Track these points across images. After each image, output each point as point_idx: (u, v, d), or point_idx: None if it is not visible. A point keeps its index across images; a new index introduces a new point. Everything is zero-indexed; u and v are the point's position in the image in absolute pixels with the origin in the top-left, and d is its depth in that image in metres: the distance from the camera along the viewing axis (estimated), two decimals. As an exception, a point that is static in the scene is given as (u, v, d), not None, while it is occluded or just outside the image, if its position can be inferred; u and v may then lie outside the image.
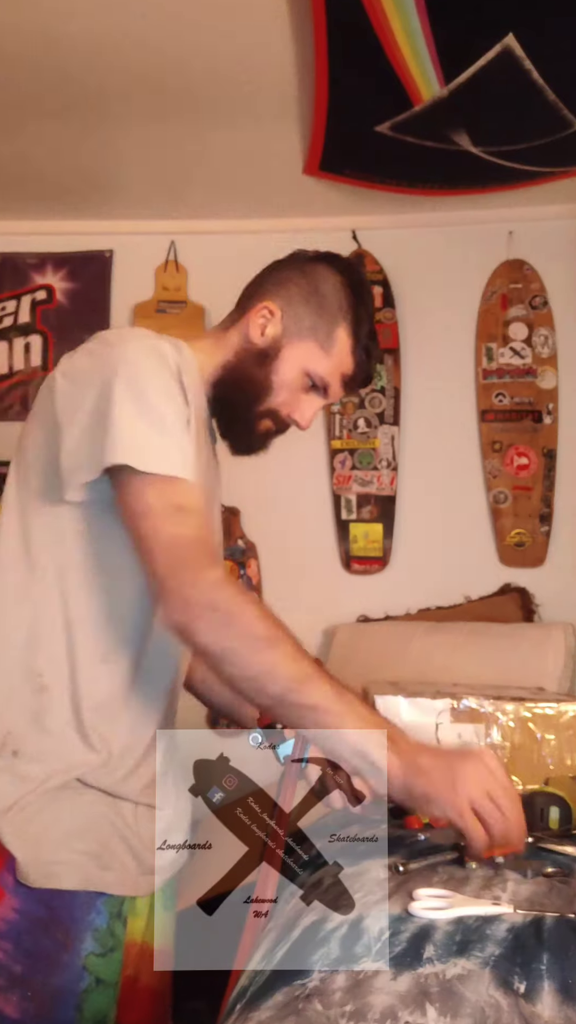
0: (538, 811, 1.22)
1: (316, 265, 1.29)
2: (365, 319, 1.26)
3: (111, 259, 3.16)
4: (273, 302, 1.26)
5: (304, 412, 1.28)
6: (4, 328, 3.16)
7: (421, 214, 2.98)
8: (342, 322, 1.24)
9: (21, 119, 2.48)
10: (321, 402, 1.28)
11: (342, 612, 2.95)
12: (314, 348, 1.24)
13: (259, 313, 1.25)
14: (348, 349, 1.25)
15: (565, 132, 2.27)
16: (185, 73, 2.26)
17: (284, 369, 1.24)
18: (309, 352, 1.24)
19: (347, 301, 1.25)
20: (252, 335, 1.25)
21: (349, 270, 1.29)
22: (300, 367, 1.24)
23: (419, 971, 0.78)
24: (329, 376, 1.25)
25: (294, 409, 1.27)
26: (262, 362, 1.25)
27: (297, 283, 1.27)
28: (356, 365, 1.26)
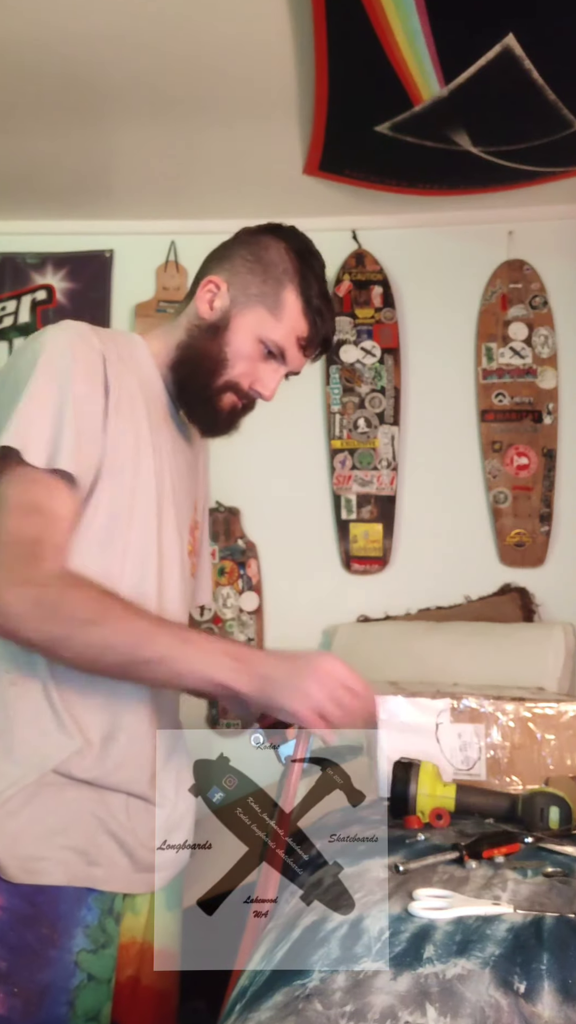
0: (538, 811, 1.22)
1: (259, 236, 1.30)
2: (313, 280, 1.25)
3: (111, 259, 3.16)
4: (218, 275, 1.26)
5: (265, 382, 1.26)
6: (4, 328, 3.16)
7: (421, 214, 2.98)
8: (288, 284, 1.24)
9: (21, 119, 2.48)
10: (282, 370, 1.27)
11: (342, 612, 2.95)
12: (264, 314, 1.24)
13: (205, 288, 1.26)
14: (299, 311, 1.24)
15: (565, 132, 2.27)
16: (185, 73, 2.26)
17: (237, 339, 1.24)
18: (259, 319, 1.24)
19: (292, 265, 1.25)
20: (201, 311, 1.26)
21: (292, 236, 1.30)
22: (252, 334, 1.24)
23: (419, 971, 0.78)
24: (283, 340, 1.24)
25: (255, 380, 1.26)
26: (214, 335, 1.24)
27: (241, 255, 1.27)
28: (310, 326, 1.25)
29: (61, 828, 1.13)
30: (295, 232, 1.31)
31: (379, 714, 1.13)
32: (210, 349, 1.25)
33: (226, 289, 1.25)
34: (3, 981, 1.09)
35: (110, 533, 1.17)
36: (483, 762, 1.37)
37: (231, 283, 1.25)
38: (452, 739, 1.37)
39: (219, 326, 1.24)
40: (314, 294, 1.25)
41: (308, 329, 1.25)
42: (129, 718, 1.19)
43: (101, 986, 1.16)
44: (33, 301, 3.16)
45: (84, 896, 1.14)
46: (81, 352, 1.15)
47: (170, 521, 1.25)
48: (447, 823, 1.23)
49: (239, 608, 3.01)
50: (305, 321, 1.25)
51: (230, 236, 1.33)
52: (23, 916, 1.10)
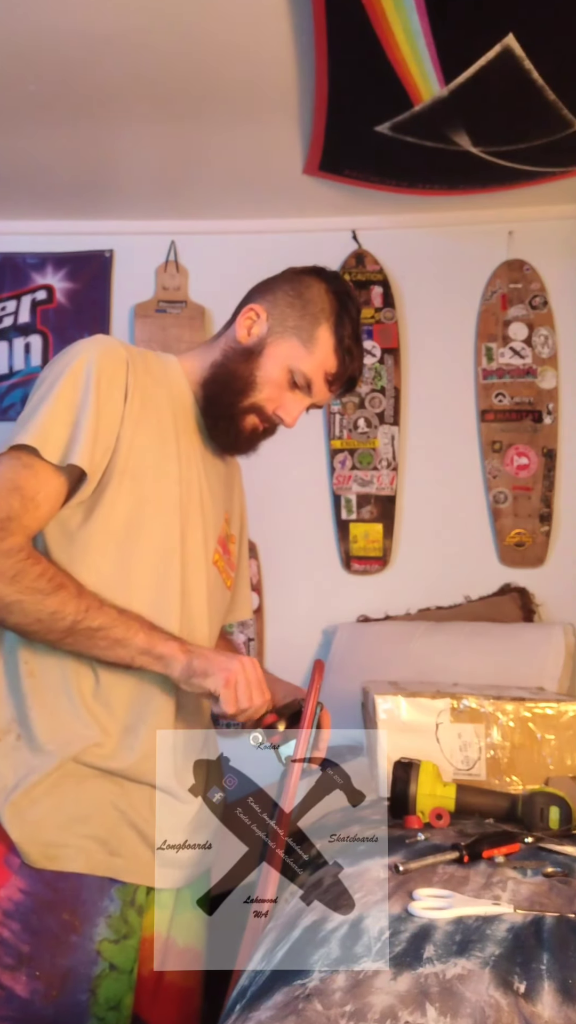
0: (538, 811, 1.22)
1: (303, 275, 1.37)
2: (348, 322, 1.32)
3: (111, 259, 3.16)
4: (260, 304, 1.33)
5: (289, 409, 1.33)
6: (4, 328, 3.15)
7: (421, 214, 2.97)
8: (324, 323, 1.31)
9: (21, 119, 2.48)
10: (306, 401, 1.34)
11: (342, 612, 2.95)
12: (297, 346, 1.30)
13: (246, 315, 1.33)
14: (330, 348, 1.31)
15: (565, 132, 2.27)
16: (185, 73, 2.26)
17: (268, 365, 1.30)
18: (292, 349, 1.30)
19: (330, 305, 1.32)
20: (239, 335, 1.33)
21: (334, 279, 1.37)
22: (283, 363, 1.30)
23: (419, 971, 0.78)
24: (312, 373, 1.31)
25: (279, 406, 1.33)
26: (247, 359, 1.31)
27: (283, 289, 1.34)
28: (338, 363, 1.32)
29: (82, 817, 1.17)
30: (338, 276, 1.39)
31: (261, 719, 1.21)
32: (241, 371, 1.31)
33: (265, 318, 1.32)
34: (26, 964, 1.13)
35: (128, 532, 1.23)
36: (483, 762, 1.37)
37: (271, 313, 1.32)
38: (452, 739, 1.38)
39: (253, 351, 1.31)
40: (347, 334, 1.32)
41: (337, 366, 1.32)
42: (151, 712, 1.22)
43: (123, 976, 1.19)
44: (33, 301, 3.16)
45: (106, 886, 1.18)
46: (106, 360, 1.23)
47: (196, 527, 1.31)
48: (447, 823, 1.23)
49: (239, 608, 3.01)
50: (335, 358, 1.31)
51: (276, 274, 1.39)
52: (45, 901, 1.14)
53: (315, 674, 1.21)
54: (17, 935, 1.13)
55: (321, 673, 1.21)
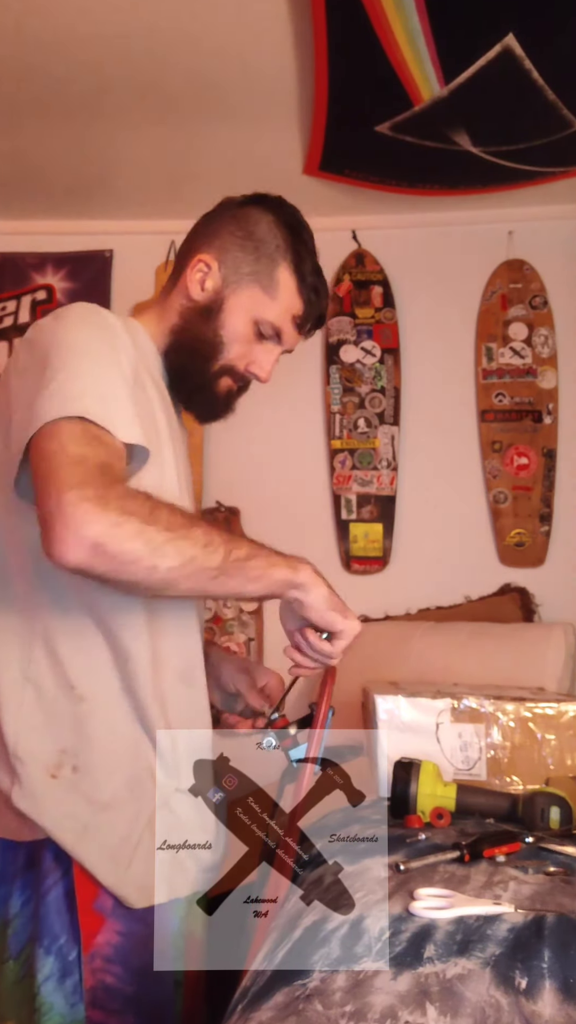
0: (538, 811, 1.22)
1: (246, 209, 1.23)
2: (306, 256, 1.21)
3: (111, 259, 3.16)
4: (208, 254, 1.21)
5: (262, 363, 1.22)
6: (4, 328, 3.15)
7: (421, 214, 2.98)
8: (282, 262, 1.19)
9: (21, 119, 2.48)
10: (277, 350, 1.23)
11: (342, 612, 2.95)
12: (258, 294, 1.19)
13: (195, 268, 1.20)
14: (293, 289, 1.20)
15: (565, 132, 2.27)
16: (185, 73, 2.26)
17: (231, 321, 1.19)
18: (253, 299, 1.19)
19: (284, 240, 1.20)
20: (192, 292, 1.20)
21: (281, 208, 1.24)
22: (247, 316, 1.19)
23: (419, 971, 0.78)
24: (279, 320, 1.20)
25: (251, 362, 1.22)
26: (207, 318, 1.19)
27: (230, 230, 1.21)
28: (305, 304, 1.21)
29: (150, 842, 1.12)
30: (283, 204, 1.25)
31: None
32: (204, 333, 1.20)
33: (217, 268, 1.20)
34: (132, 1005, 1.09)
35: None
36: (483, 762, 1.37)
37: (222, 261, 1.20)
38: (452, 739, 1.38)
39: (212, 308, 1.19)
40: (308, 270, 1.21)
41: (303, 307, 1.21)
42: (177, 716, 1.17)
43: (180, 989, 1.16)
44: (33, 301, 3.16)
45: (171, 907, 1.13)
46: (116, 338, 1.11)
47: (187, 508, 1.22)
48: (448, 822, 1.23)
49: (239, 608, 3.01)
50: (300, 299, 1.21)
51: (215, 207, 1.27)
52: (139, 938, 1.09)
53: (327, 678, 1.19)
54: (120, 979, 1.08)
55: (333, 677, 1.18)
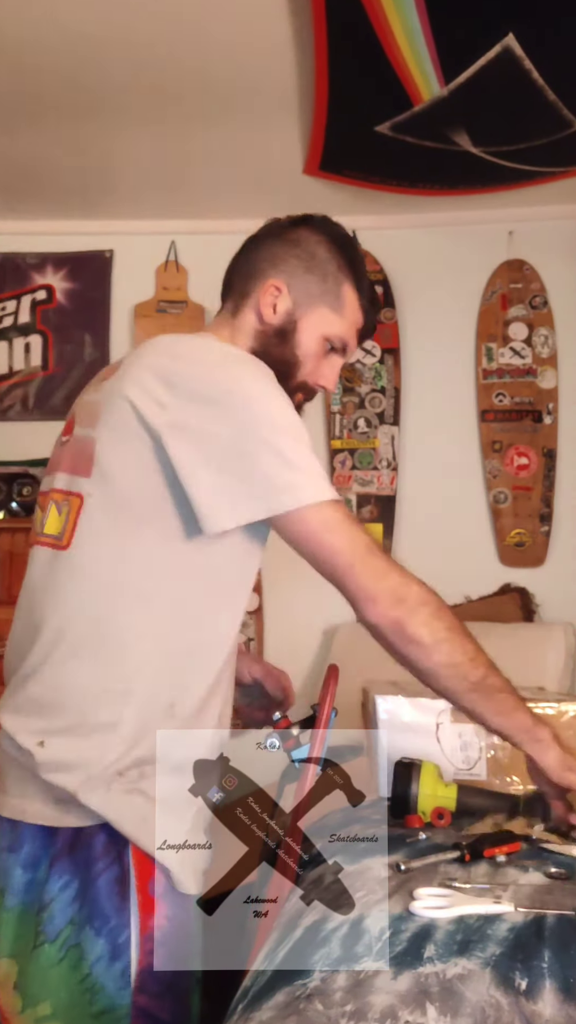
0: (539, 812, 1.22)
1: (299, 232, 1.31)
2: (363, 271, 1.30)
3: (111, 259, 3.16)
4: (277, 279, 1.26)
5: (328, 376, 1.29)
6: (4, 328, 3.16)
7: (421, 214, 2.98)
8: (345, 281, 1.27)
9: (22, 119, 2.48)
10: (341, 361, 1.30)
11: (342, 612, 2.90)
12: (327, 313, 1.26)
13: (267, 293, 1.26)
14: (356, 303, 1.27)
15: (565, 132, 2.27)
16: (185, 73, 2.26)
17: (305, 341, 1.26)
18: (324, 318, 1.26)
19: (343, 259, 1.28)
20: (266, 316, 1.26)
21: (332, 228, 1.33)
22: (319, 334, 1.26)
23: (419, 970, 0.78)
24: (347, 335, 1.28)
25: (319, 376, 1.29)
26: (283, 340, 1.26)
27: (294, 254, 1.28)
28: (365, 316, 1.29)
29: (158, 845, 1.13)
30: (329, 222, 1.33)
31: None
32: (283, 354, 1.26)
33: (287, 291, 1.26)
34: (169, 989, 1.11)
35: None
36: (484, 762, 1.37)
37: (291, 285, 1.26)
38: (452, 739, 1.37)
39: (287, 330, 1.26)
40: (366, 285, 1.29)
41: (364, 319, 1.29)
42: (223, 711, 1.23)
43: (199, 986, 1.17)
44: (33, 301, 3.16)
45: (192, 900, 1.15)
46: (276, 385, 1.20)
47: None
48: (448, 822, 1.23)
49: (239, 608, 3.01)
50: (362, 313, 1.28)
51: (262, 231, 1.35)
52: (180, 923, 1.12)
53: (329, 679, 1.21)
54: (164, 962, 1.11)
55: (336, 678, 1.21)
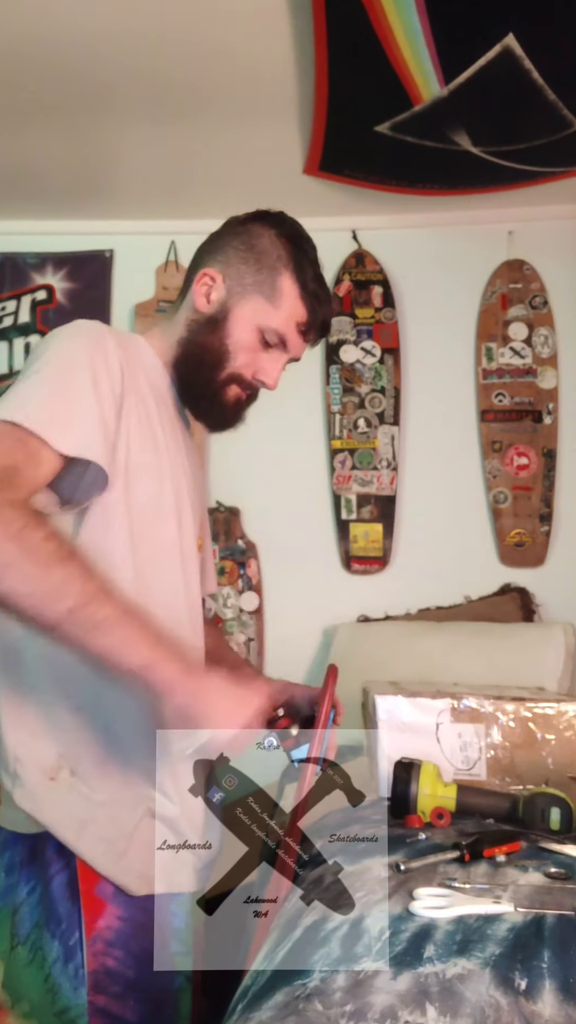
0: (539, 812, 1.22)
1: (249, 225, 1.29)
2: (307, 265, 1.25)
3: (111, 259, 3.16)
4: (212, 267, 1.26)
5: (268, 371, 1.26)
6: (4, 328, 3.16)
7: (421, 214, 2.98)
8: (283, 271, 1.24)
9: (21, 119, 2.48)
10: (284, 357, 1.27)
11: (342, 612, 2.95)
12: (261, 303, 1.23)
13: (201, 282, 1.25)
14: (296, 296, 1.24)
15: (565, 132, 2.27)
16: (185, 73, 2.26)
17: (236, 330, 1.23)
18: (257, 308, 1.23)
19: (285, 250, 1.25)
20: (198, 304, 1.25)
21: (282, 222, 1.29)
22: (251, 324, 1.23)
23: (419, 971, 0.78)
24: (283, 327, 1.24)
25: (257, 369, 1.26)
26: (213, 328, 1.24)
27: (232, 245, 1.27)
28: (308, 311, 1.25)
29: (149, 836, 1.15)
30: (284, 218, 1.30)
31: None
32: (211, 343, 1.24)
33: (221, 281, 1.25)
34: (134, 990, 1.12)
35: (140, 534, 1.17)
36: (483, 762, 1.37)
37: (226, 274, 1.25)
38: (452, 739, 1.37)
39: (217, 319, 1.24)
40: (309, 278, 1.25)
41: (307, 314, 1.25)
42: None
43: (189, 986, 1.19)
44: (33, 301, 3.16)
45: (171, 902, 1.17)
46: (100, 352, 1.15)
47: (188, 521, 1.26)
48: (448, 822, 1.23)
49: (239, 608, 3.01)
50: (303, 306, 1.24)
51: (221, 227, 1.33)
52: (139, 924, 1.13)
53: (329, 678, 1.21)
54: (122, 962, 1.12)
55: (335, 678, 1.20)
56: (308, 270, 1.25)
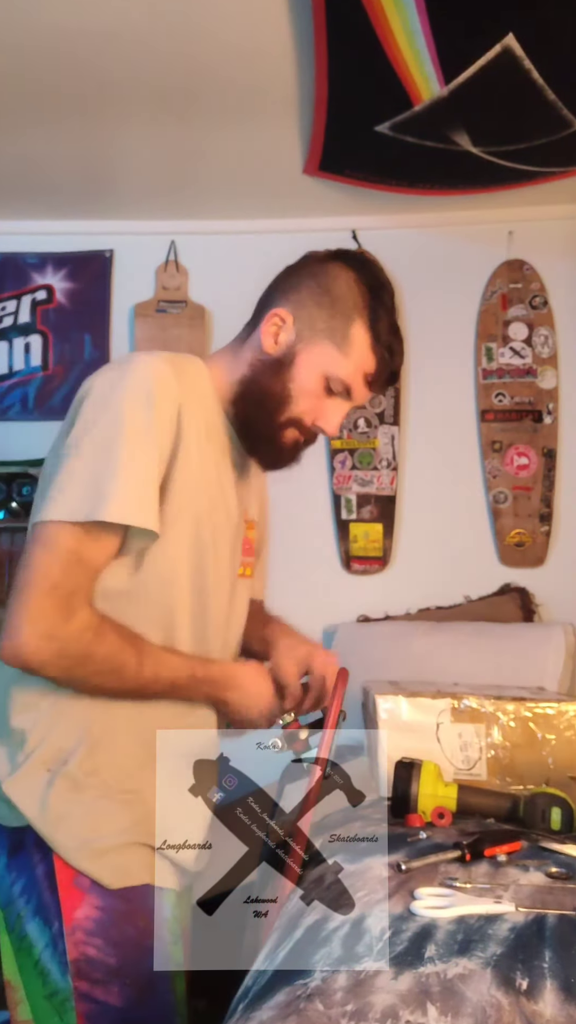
0: (539, 812, 1.22)
1: (327, 265, 1.24)
2: (383, 314, 1.21)
3: (111, 259, 3.16)
4: (284, 308, 1.22)
5: (329, 418, 1.23)
6: (4, 328, 3.15)
7: (421, 214, 2.97)
8: (357, 320, 1.20)
9: (21, 119, 2.48)
10: (347, 406, 1.24)
11: (342, 612, 2.95)
12: (330, 350, 1.20)
13: (271, 322, 1.21)
14: (367, 347, 1.20)
15: (565, 132, 2.27)
16: (185, 73, 2.26)
17: (301, 376, 1.20)
18: (326, 355, 1.20)
19: (362, 298, 1.20)
20: (265, 345, 1.22)
21: (362, 266, 1.24)
22: (318, 371, 1.20)
23: (420, 971, 0.78)
24: (349, 378, 1.21)
25: (318, 416, 1.23)
26: (278, 371, 1.21)
27: (308, 286, 1.22)
28: (377, 362, 1.21)
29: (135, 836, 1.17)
30: (366, 262, 1.26)
31: None
32: (274, 386, 1.21)
33: (292, 322, 1.21)
34: (115, 975, 1.13)
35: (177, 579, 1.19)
36: (484, 762, 1.37)
37: (297, 316, 1.21)
38: (453, 739, 1.38)
39: (283, 362, 1.21)
40: (383, 329, 1.21)
41: (376, 365, 1.22)
42: None
43: (182, 975, 1.20)
44: (33, 301, 3.16)
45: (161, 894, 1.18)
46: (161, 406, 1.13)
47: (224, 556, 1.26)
48: (449, 822, 1.23)
49: (239, 608, 3.01)
50: (373, 357, 1.21)
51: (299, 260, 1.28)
52: (121, 912, 1.14)
53: (338, 681, 1.21)
54: (102, 950, 1.13)
55: (345, 681, 1.21)
56: (383, 320, 1.21)
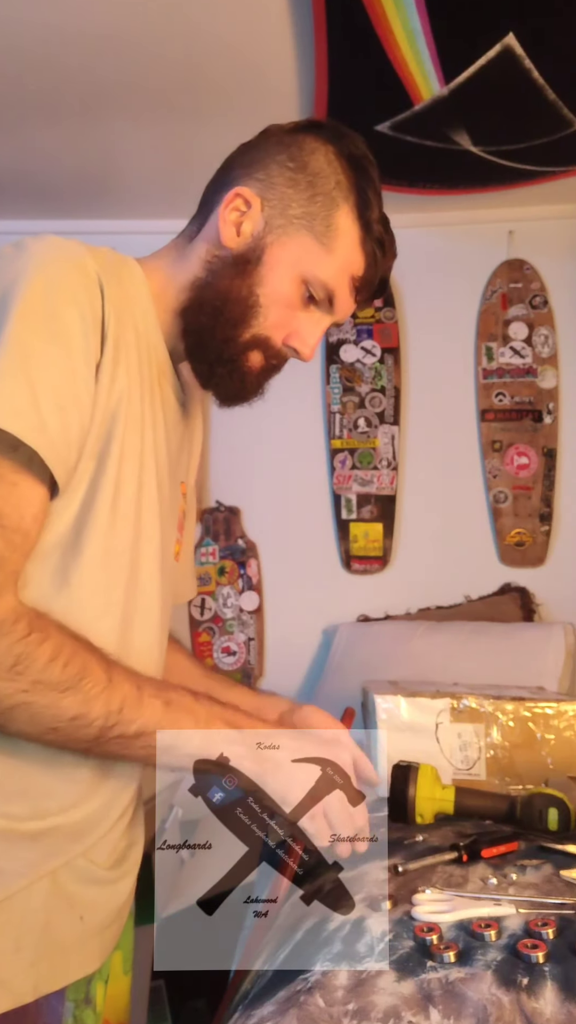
0: (536, 812, 1.22)
1: (299, 136, 0.97)
2: (373, 198, 0.96)
3: (111, 259, 3.16)
4: (248, 187, 0.94)
5: (304, 336, 0.95)
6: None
7: (421, 214, 2.98)
8: (343, 204, 0.93)
9: (21, 119, 2.48)
10: (327, 320, 0.96)
11: (342, 612, 2.95)
12: (310, 243, 0.92)
13: (231, 205, 0.94)
14: (356, 240, 0.94)
15: (565, 132, 2.27)
16: (185, 72, 2.26)
17: (272, 277, 0.92)
18: (304, 249, 0.92)
19: (346, 176, 0.94)
20: (224, 236, 0.94)
21: (341, 137, 0.97)
22: (294, 272, 0.92)
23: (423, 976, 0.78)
24: (334, 280, 0.93)
25: (292, 333, 0.95)
26: (242, 271, 0.92)
27: (277, 160, 0.95)
28: (367, 261, 0.95)
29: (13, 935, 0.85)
30: (343, 132, 0.99)
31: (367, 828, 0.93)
32: (236, 290, 0.92)
33: (259, 207, 0.93)
34: None
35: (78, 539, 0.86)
36: (483, 762, 1.37)
37: (266, 198, 0.93)
38: (452, 739, 1.38)
39: (249, 258, 0.92)
40: (374, 218, 0.96)
41: (365, 265, 0.95)
42: None
43: None
44: (33, 301, 3.15)
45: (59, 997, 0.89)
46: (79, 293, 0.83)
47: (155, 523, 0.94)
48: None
49: (239, 608, 3.01)
50: (362, 253, 0.95)
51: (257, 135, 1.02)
52: None
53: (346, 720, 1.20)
54: None
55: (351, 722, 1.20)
56: (374, 206, 0.95)
